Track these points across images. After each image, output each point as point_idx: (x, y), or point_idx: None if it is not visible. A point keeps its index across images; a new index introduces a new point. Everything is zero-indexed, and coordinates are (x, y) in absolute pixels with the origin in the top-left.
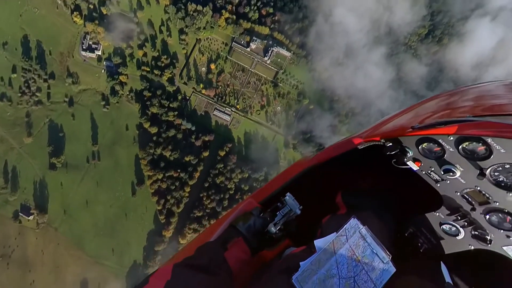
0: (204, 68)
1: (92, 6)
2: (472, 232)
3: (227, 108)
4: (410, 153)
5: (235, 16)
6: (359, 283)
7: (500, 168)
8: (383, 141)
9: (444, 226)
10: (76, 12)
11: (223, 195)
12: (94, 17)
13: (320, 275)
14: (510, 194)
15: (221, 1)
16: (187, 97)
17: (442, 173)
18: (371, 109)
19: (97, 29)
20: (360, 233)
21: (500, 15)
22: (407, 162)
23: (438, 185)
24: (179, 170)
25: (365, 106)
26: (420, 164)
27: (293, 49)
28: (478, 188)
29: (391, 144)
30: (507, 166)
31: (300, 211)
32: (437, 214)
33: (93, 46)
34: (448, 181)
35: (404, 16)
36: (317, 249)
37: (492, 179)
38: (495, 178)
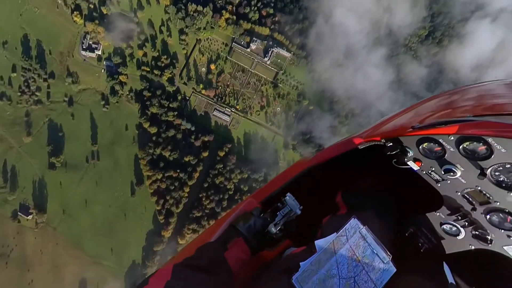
0: (204, 69)
1: (92, 5)
2: (472, 232)
3: (226, 109)
4: (411, 153)
5: (235, 17)
6: (359, 283)
7: (501, 168)
8: (384, 141)
9: (444, 226)
10: (76, 12)
11: (223, 195)
12: (94, 16)
13: (320, 275)
14: (511, 194)
15: (221, 1)
16: (187, 97)
17: (443, 173)
18: (371, 110)
19: (97, 28)
20: (360, 233)
21: (500, 17)
22: (407, 162)
23: (439, 185)
24: (178, 170)
25: (365, 107)
26: (420, 164)
27: (293, 50)
28: (479, 188)
29: (391, 144)
30: (508, 166)
31: (300, 211)
32: (438, 214)
33: (93, 45)
34: (449, 181)
35: (404, 18)
36: (318, 249)
37: (492, 179)
38: (496, 178)
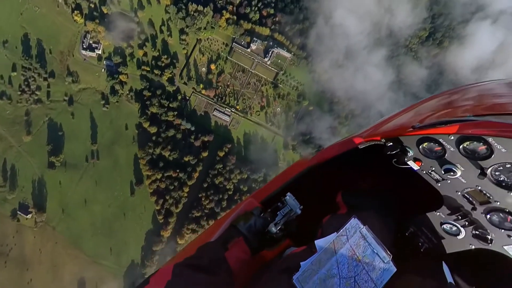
0: (204, 69)
1: (92, 5)
2: (473, 232)
3: (226, 109)
4: (411, 153)
5: (236, 17)
6: (360, 283)
7: (501, 168)
8: (384, 140)
9: (445, 226)
10: (77, 11)
11: (222, 195)
12: (94, 16)
13: (320, 275)
14: (511, 194)
15: (222, 1)
16: (187, 97)
17: (443, 172)
18: (371, 111)
19: (98, 28)
20: (360, 233)
21: (501, 18)
22: (407, 162)
23: (439, 184)
24: (178, 170)
25: (365, 108)
26: (420, 163)
27: (293, 50)
28: (479, 187)
29: (391, 143)
30: (508, 165)
31: (300, 211)
32: (438, 213)
33: (94, 45)
34: (449, 181)
35: (405, 19)
36: (318, 249)
37: (493, 178)
38: (496, 178)
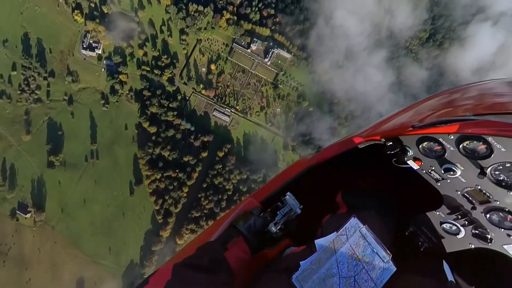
0: (204, 69)
1: (93, 4)
2: (472, 231)
3: (226, 109)
4: (411, 152)
5: (236, 17)
6: (360, 282)
7: (501, 167)
8: (384, 140)
9: (444, 225)
10: (77, 11)
11: (221, 196)
12: (95, 15)
13: (320, 274)
14: (511, 193)
15: (222, 2)
16: (187, 97)
17: (443, 172)
18: (371, 112)
19: (98, 27)
20: (360, 232)
21: (501, 20)
22: (407, 161)
23: (439, 184)
24: (177, 170)
25: (365, 109)
26: (420, 163)
27: (293, 51)
28: (479, 187)
29: (391, 143)
30: (508, 165)
31: (300, 211)
32: (438, 213)
33: (94, 44)
34: (449, 180)
35: (405, 20)
36: (318, 248)
37: (492, 178)
38: (496, 177)
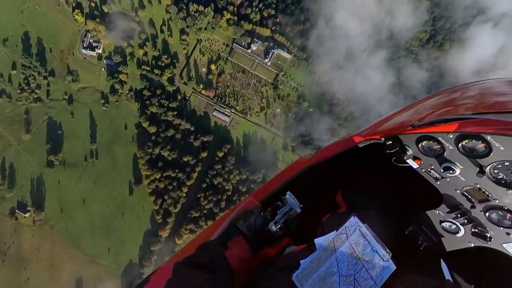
0: (205, 69)
1: (93, 4)
2: (472, 230)
3: (226, 109)
4: (410, 151)
5: (237, 17)
6: (359, 281)
7: (500, 166)
8: (383, 139)
9: (444, 224)
10: (78, 10)
11: (221, 196)
12: (95, 15)
13: (320, 273)
14: (510, 192)
15: (222, 2)
16: (187, 97)
17: (442, 171)
18: (371, 113)
19: (98, 27)
20: (360, 231)
21: (502, 22)
22: (407, 160)
23: (438, 183)
24: (177, 170)
25: (364, 110)
26: (420, 162)
27: (294, 51)
28: (478, 185)
29: (391, 142)
30: (507, 163)
31: (300, 210)
32: (437, 212)
33: (94, 44)
34: (448, 179)
35: (405, 21)
36: (317, 247)
37: (491, 176)
38: (495, 176)
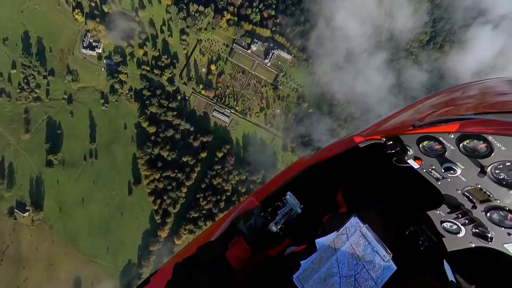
0: (204, 69)
1: (93, 4)
2: (473, 230)
3: (226, 110)
4: (411, 151)
5: (237, 18)
6: (360, 282)
7: (501, 166)
8: (384, 139)
9: (445, 224)
10: (78, 10)
11: (220, 196)
12: (95, 15)
13: (321, 273)
14: (511, 192)
15: (223, 2)
16: (187, 98)
17: (443, 171)
18: (371, 114)
19: (98, 27)
20: (360, 231)
21: (502, 24)
22: (407, 160)
23: (439, 183)
24: (176, 171)
25: (364, 111)
26: (421, 162)
27: (294, 52)
28: (479, 186)
29: (391, 142)
30: (508, 164)
31: (301, 210)
32: (438, 212)
33: (94, 44)
34: (449, 179)
35: (405, 22)
36: (318, 247)
37: (493, 176)
38: (496, 176)
